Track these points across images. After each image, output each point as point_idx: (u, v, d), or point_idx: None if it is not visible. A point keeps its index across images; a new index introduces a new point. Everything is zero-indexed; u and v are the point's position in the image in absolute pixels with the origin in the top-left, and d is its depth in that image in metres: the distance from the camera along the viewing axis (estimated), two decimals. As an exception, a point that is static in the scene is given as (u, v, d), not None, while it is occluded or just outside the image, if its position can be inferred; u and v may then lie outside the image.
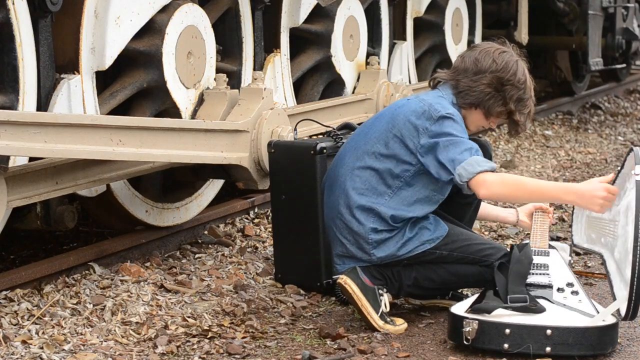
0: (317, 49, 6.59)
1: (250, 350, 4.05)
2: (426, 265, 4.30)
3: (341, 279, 4.24)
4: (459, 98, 4.28)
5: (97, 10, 4.71)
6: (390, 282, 4.30)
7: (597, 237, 4.36)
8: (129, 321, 4.31)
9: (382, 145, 4.24)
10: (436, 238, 4.26)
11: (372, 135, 4.29)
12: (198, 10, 5.33)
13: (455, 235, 4.31)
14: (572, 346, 3.88)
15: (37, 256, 5.31)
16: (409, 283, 4.31)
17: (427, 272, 4.31)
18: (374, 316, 4.23)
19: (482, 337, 3.92)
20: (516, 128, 4.37)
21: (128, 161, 4.78)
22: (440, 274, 4.32)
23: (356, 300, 4.23)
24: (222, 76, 5.38)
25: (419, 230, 4.25)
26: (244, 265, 5.19)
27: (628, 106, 11.81)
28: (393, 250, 4.23)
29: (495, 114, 4.32)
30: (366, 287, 4.23)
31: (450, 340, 4.07)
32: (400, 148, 4.21)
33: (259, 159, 5.16)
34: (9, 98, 4.33)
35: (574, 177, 7.51)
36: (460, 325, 3.95)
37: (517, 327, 3.89)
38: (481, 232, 5.90)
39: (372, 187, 4.23)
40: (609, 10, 10.15)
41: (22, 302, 4.37)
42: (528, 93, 4.33)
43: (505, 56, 4.30)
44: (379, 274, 4.28)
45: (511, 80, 4.27)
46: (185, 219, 5.48)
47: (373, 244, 4.23)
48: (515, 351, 3.89)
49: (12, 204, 4.26)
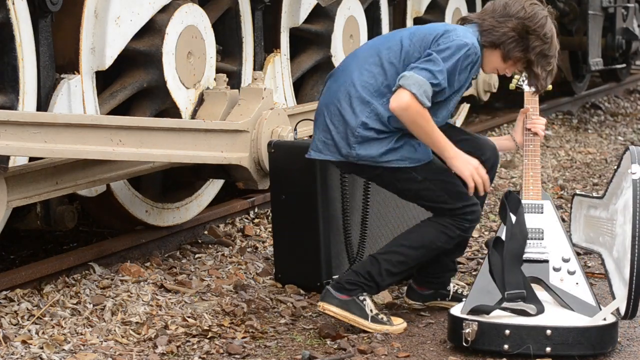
0: (317, 49, 6.59)
1: (250, 350, 4.05)
2: (390, 253, 4.27)
3: (320, 307, 4.27)
4: (483, 36, 4.27)
5: (97, 10, 4.71)
6: (366, 285, 4.27)
7: (596, 236, 4.35)
8: (129, 321, 4.31)
9: (396, 52, 4.22)
10: (417, 160, 4.22)
11: (392, 41, 4.27)
12: (198, 10, 5.33)
13: (438, 168, 4.26)
14: (572, 346, 3.88)
15: (37, 256, 5.31)
16: (382, 278, 4.27)
17: (393, 258, 4.27)
18: (365, 324, 4.23)
19: (482, 338, 3.92)
20: (536, 82, 4.32)
21: (128, 161, 4.78)
22: (407, 254, 4.26)
23: (342, 318, 4.24)
24: (222, 76, 5.38)
25: (405, 145, 4.21)
26: (244, 265, 5.19)
27: (628, 106, 11.81)
28: (374, 153, 4.20)
29: (514, 58, 4.29)
30: (345, 302, 4.23)
31: (450, 342, 4.07)
32: (412, 58, 4.20)
33: (259, 159, 5.16)
34: (9, 98, 4.33)
35: (573, 177, 7.52)
36: (460, 327, 3.95)
37: (517, 328, 3.89)
38: (481, 232, 5.90)
39: (376, 85, 4.22)
40: (609, 10, 10.15)
41: (22, 302, 4.37)
42: (553, 51, 4.28)
43: (536, 8, 4.27)
44: (350, 283, 4.26)
45: (537, 31, 4.24)
46: (185, 219, 5.48)
47: (358, 139, 4.20)
48: (516, 352, 3.88)
49: (12, 204, 4.26)
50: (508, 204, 4.22)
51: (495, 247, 4.13)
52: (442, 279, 4.53)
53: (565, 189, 7.02)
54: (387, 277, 4.27)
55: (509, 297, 4.00)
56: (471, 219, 4.27)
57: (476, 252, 5.56)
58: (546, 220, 4.21)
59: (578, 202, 4.52)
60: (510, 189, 4.28)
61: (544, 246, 4.15)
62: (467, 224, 4.26)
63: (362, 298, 4.24)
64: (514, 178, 7.34)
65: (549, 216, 4.23)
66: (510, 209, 4.20)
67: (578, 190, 6.86)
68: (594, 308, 4.02)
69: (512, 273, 4.05)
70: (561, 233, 4.19)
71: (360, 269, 4.28)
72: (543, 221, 4.22)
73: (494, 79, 8.39)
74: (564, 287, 4.05)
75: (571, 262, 4.10)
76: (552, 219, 4.21)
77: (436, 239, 4.27)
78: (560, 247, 4.16)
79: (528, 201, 4.24)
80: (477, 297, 4.06)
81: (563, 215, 6.31)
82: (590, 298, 4.02)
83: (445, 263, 4.50)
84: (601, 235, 4.31)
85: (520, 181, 4.43)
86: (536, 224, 4.19)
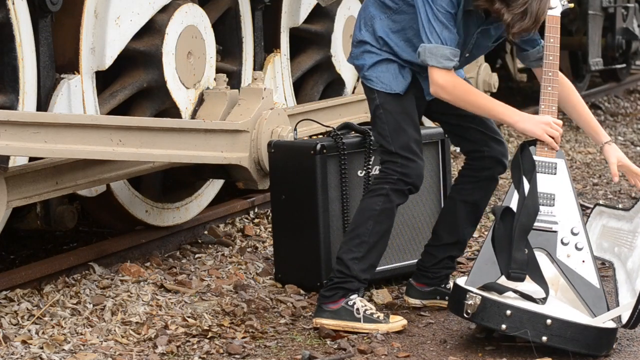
0: (317, 49, 6.59)
1: (250, 350, 4.05)
2: (346, 243, 4.28)
3: (314, 324, 4.29)
4: None
5: (97, 10, 4.71)
6: (345, 282, 4.26)
7: (610, 247, 4.33)
8: (129, 321, 4.31)
9: None
10: (387, 88, 4.23)
11: None
12: (198, 10, 5.33)
13: (403, 108, 4.24)
14: (568, 340, 3.88)
15: (37, 256, 5.31)
16: (353, 267, 4.24)
17: (350, 244, 4.26)
18: (358, 326, 4.24)
19: (483, 313, 3.90)
20: (507, 30, 4.05)
21: (128, 161, 4.78)
22: (358, 233, 4.24)
23: (336, 328, 4.25)
24: (222, 76, 5.38)
25: (386, 71, 4.23)
26: (244, 265, 5.19)
27: (628, 106, 11.81)
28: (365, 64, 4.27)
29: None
30: (335, 311, 4.25)
31: (450, 311, 4.06)
32: None
33: (259, 159, 5.16)
34: (9, 98, 4.33)
35: (573, 177, 7.52)
36: (464, 297, 3.93)
37: (519, 311, 3.88)
38: (481, 232, 5.90)
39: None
40: (609, 10, 10.15)
41: (22, 302, 4.37)
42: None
43: None
44: (329, 289, 4.27)
45: None
46: (185, 219, 5.48)
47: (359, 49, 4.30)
48: (512, 334, 3.88)
49: (12, 204, 4.26)
50: (522, 163, 4.09)
51: (504, 218, 4.02)
52: (440, 274, 4.53)
53: (565, 189, 7.03)
54: (358, 264, 4.25)
55: (512, 275, 3.97)
56: (401, 172, 4.22)
57: (476, 252, 5.55)
58: (558, 183, 4.08)
59: (598, 212, 4.49)
60: (528, 139, 4.11)
61: (554, 214, 4.05)
62: (396, 176, 4.21)
63: (352, 302, 4.25)
64: (514, 178, 7.34)
65: (562, 179, 4.09)
66: (524, 171, 4.08)
67: (600, 200, 6.84)
68: (597, 290, 4.00)
69: (519, 250, 3.97)
70: (572, 200, 4.07)
71: (333, 273, 4.31)
72: (555, 185, 4.07)
73: (494, 79, 8.38)
74: (569, 263, 4.01)
75: (580, 236, 4.02)
76: (565, 182, 4.07)
77: (373, 203, 4.25)
78: (570, 218, 4.05)
79: (541, 159, 4.09)
80: (483, 269, 4.03)
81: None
82: (595, 279, 4.00)
83: (441, 259, 4.51)
84: (617, 246, 4.29)
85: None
86: (548, 187, 4.06)
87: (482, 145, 4.41)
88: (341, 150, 4.78)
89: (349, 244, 4.28)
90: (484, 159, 4.43)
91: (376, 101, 4.26)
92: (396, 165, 4.23)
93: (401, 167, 4.22)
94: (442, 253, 4.50)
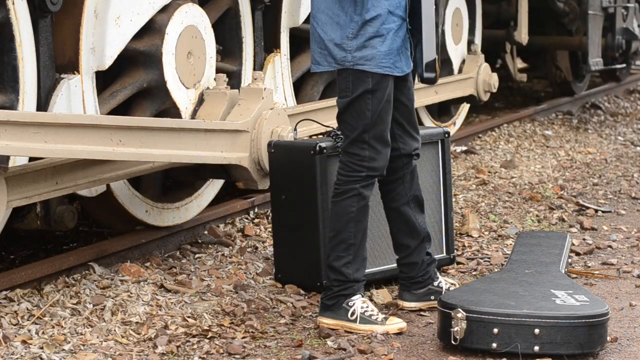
0: (317, 49, 6.58)
1: (250, 350, 4.05)
2: (332, 251, 4.30)
3: (318, 322, 4.33)
4: None
5: (97, 10, 4.71)
6: (344, 289, 4.29)
7: None
8: (129, 321, 4.31)
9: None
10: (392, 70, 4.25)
11: None
12: (198, 10, 5.33)
13: (378, 108, 4.24)
14: (561, 345, 3.89)
15: (37, 256, 5.32)
16: (347, 272, 4.27)
17: (337, 250, 4.29)
18: (353, 326, 4.26)
19: (470, 337, 3.93)
20: None
21: (128, 161, 4.78)
22: (342, 237, 4.28)
23: (335, 327, 4.28)
24: (222, 76, 5.38)
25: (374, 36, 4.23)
26: (244, 265, 5.19)
27: (628, 106, 11.80)
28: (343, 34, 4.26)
29: None
30: (335, 311, 4.29)
31: (440, 340, 4.08)
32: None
33: (259, 159, 5.15)
34: (9, 98, 4.33)
35: (573, 177, 7.51)
36: (449, 324, 3.96)
37: (505, 326, 3.89)
38: (481, 232, 5.90)
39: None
40: (609, 10, 10.14)
41: (22, 302, 4.37)
42: None
43: None
44: (330, 298, 4.30)
45: None
46: (185, 219, 5.48)
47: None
48: (504, 350, 3.89)
49: (12, 204, 4.26)
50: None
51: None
52: (427, 275, 4.56)
53: (565, 189, 7.02)
54: (352, 266, 4.30)
55: (426, 67, 4.17)
56: (369, 167, 4.23)
57: (476, 252, 5.55)
58: None
59: None
60: None
61: None
62: (364, 172, 4.23)
63: (352, 303, 4.28)
64: (514, 178, 7.34)
65: None
66: None
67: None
68: None
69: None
70: None
71: (329, 281, 4.35)
72: None
73: (494, 79, 8.38)
74: None
75: None
76: None
77: (347, 206, 4.27)
78: None
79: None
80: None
81: (564, 215, 6.31)
82: None
83: (420, 262, 4.53)
84: None
85: (521, 181, 4.32)
86: None
87: (399, 141, 4.42)
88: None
89: (336, 250, 4.31)
90: (400, 158, 4.44)
91: (368, 85, 4.24)
92: (363, 159, 4.24)
93: (369, 160, 4.25)
94: (418, 256, 4.53)
